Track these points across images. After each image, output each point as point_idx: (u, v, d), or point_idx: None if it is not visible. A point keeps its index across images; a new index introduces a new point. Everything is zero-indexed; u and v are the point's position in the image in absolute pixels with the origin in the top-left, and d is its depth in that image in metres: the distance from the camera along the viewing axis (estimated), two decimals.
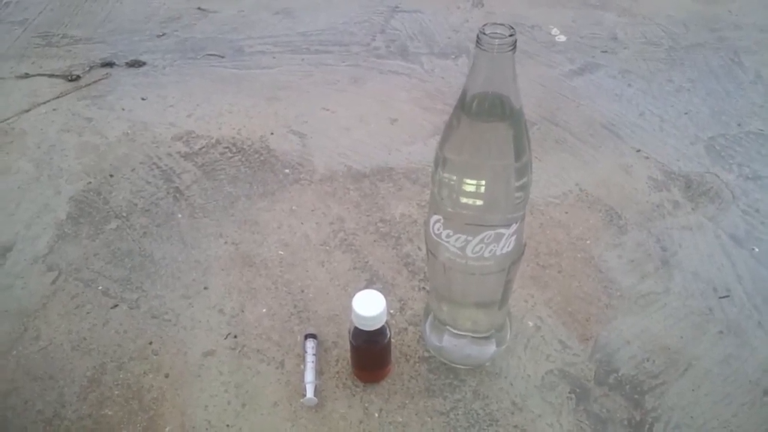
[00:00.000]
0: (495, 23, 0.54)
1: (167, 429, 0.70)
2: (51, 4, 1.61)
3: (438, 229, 0.63)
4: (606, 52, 1.42)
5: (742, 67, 1.35)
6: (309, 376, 0.73)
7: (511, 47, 0.53)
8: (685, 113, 1.22)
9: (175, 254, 0.91)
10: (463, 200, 0.60)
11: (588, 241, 0.93)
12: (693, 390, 0.74)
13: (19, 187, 1.04)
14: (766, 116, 1.20)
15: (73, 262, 0.90)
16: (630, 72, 1.35)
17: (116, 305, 0.84)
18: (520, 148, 0.58)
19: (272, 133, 1.16)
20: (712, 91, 1.28)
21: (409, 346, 0.78)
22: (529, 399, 0.73)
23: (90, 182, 1.05)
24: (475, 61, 0.55)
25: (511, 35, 0.53)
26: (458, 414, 0.71)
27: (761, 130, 1.17)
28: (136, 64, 1.38)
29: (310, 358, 0.75)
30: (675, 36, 1.48)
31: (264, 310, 0.83)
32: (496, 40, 0.52)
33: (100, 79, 1.33)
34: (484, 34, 0.53)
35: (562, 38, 1.48)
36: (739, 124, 1.18)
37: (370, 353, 0.72)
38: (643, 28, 1.51)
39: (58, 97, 1.27)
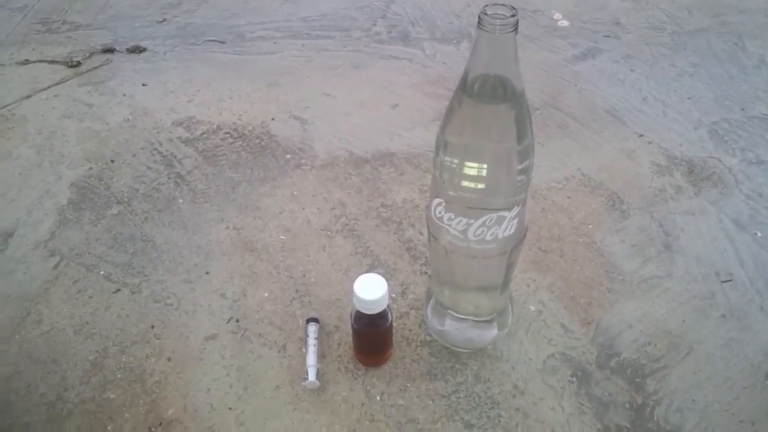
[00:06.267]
0: (497, 4, 0.53)
1: (170, 412, 0.70)
2: None
3: (440, 213, 0.63)
4: (609, 36, 1.42)
5: (745, 52, 1.34)
6: (311, 359, 0.73)
7: (513, 28, 0.52)
8: (688, 98, 1.21)
9: (177, 239, 0.91)
10: (465, 183, 0.59)
11: (590, 226, 0.93)
12: (695, 373, 0.74)
13: (21, 173, 1.04)
14: None
15: (75, 247, 0.90)
16: (633, 57, 1.34)
17: (118, 290, 0.84)
18: (522, 130, 0.58)
19: (273, 119, 1.16)
20: (716, 75, 1.27)
21: (410, 330, 0.79)
22: (531, 382, 0.73)
23: (91, 168, 1.05)
24: (476, 43, 0.54)
25: (512, 16, 0.53)
26: (460, 397, 0.72)
27: (765, 114, 1.16)
28: (136, 50, 1.38)
29: (311, 342, 0.75)
30: (678, 20, 1.47)
31: (266, 295, 0.83)
32: (498, 21, 0.52)
33: (100, 65, 1.33)
34: (486, 14, 0.53)
35: (565, 23, 1.47)
36: (742, 109, 1.18)
37: (372, 337, 0.72)
38: (646, 13, 1.50)
39: (58, 83, 1.26)
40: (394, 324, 0.74)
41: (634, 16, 1.49)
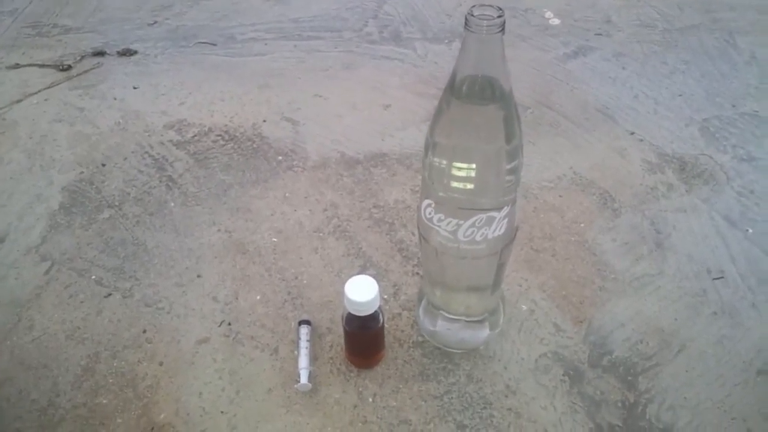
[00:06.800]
0: (483, 5, 0.53)
1: (162, 416, 0.70)
2: None
3: (429, 214, 0.63)
4: (600, 34, 1.42)
5: (736, 48, 1.35)
6: (303, 362, 0.73)
7: (500, 29, 0.52)
8: (680, 95, 1.21)
9: (168, 242, 0.91)
10: (454, 184, 0.59)
11: (582, 225, 0.93)
12: (687, 371, 0.74)
13: (11, 178, 1.03)
14: (761, 97, 1.20)
15: (67, 251, 0.90)
16: (624, 55, 1.34)
17: (110, 294, 0.84)
18: (511, 130, 0.58)
19: (265, 121, 1.16)
20: (707, 72, 1.28)
21: (402, 331, 0.78)
22: (523, 382, 0.73)
23: (82, 172, 1.04)
24: (464, 44, 0.54)
25: (499, 16, 0.52)
26: (452, 397, 0.72)
27: (756, 111, 1.16)
28: (127, 52, 1.37)
29: (303, 344, 0.75)
30: (669, 18, 1.47)
31: (258, 297, 0.83)
32: (485, 22, 0.52)
33: (91, 69, 1.32)
34: (473, 15, 0.53)
35: (556, 21, 1.47)
36: (733, 106, 1.18)
37: (364, 338, 0.72)
38: (638, 11, 1.51)
39: (49, 87, 1.26)
40: (386, 325, 0.74)
41: (626, 14, 1.49)
